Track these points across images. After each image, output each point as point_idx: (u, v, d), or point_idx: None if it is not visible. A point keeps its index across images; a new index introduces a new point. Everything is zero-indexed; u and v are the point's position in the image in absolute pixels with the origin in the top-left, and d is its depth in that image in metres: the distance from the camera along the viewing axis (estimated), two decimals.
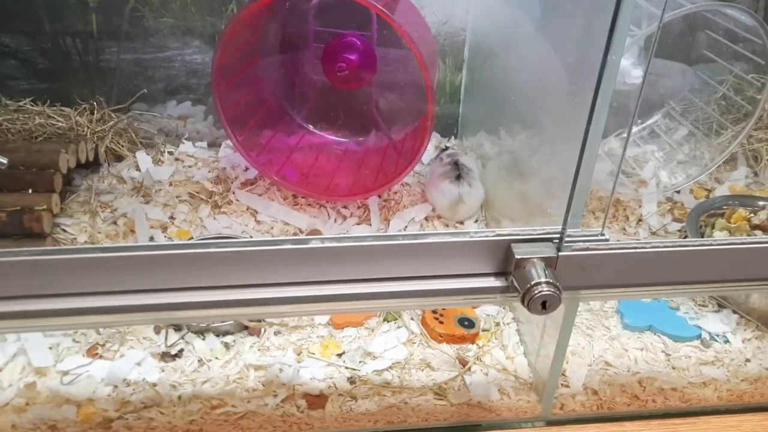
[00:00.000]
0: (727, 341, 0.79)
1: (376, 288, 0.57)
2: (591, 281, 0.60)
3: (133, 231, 0.89)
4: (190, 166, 1.04)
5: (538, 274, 0.55)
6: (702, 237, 0.88)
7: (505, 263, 0.58)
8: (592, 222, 0.94)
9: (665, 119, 1.06)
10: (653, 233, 0.94)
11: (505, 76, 0.91)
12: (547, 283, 0.54)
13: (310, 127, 1.05)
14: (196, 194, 0.97)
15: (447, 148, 1.06)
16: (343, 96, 1.01)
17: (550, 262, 0.57)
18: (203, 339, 0.75)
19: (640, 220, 0.96)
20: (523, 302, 0.55)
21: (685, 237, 0.93)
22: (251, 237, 0.91)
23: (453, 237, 0.56)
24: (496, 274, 0.58)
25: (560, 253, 0.57)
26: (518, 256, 0.56)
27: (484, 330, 0.79)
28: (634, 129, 1.05)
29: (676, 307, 0.83)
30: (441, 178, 0.95)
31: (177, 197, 0.96)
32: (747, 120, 0.97)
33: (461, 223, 0.96)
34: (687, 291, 0.68)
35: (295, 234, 0.92)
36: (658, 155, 1.04)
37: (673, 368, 0.75)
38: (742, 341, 0.78)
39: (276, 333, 0.77)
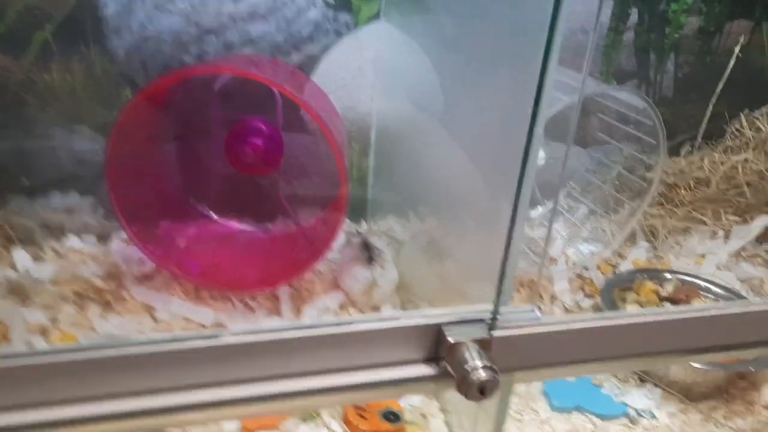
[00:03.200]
0: (653, 416, 0.78)
1: (296, 385, 0.51)
2: (525, 361, 0.57)
3: (6, 338, 0.78)
4: (76, 263, 0.94)
5: (473, 358, 0.51)
6: (617, 310, 0.88)
7: (436, 348, 0.54)
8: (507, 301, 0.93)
9: (567, 199, 1.09)
10: (568, 310, 0.94)
11: (414, 160, 0.91)
12: (484, 366, 0.51)
13: (213, 215, 0.99)
14: (83, 293, 0.87)
15: (358, 233, 1.03)
16: (247, 183, 0.96)
17: (484, 344, 0.53)
18: None
19: (553, 296, 0.96)
20: (459, 389, 0.51)
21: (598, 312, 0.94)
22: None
23: (379, 323, 0.52)
24: (427, 360, 0.54)
25: (494, 334, 0.54)
26: (451, 340, 0.52)
27: (410, 423, 0.74)
28: (540, 210, 1.08)
29: (600, 384, 0.82)
30: (352, 263, 0.91)
31: (61, 298, 0.86)
32: (641, 197, 1.02)
33: (377, 309, 0.92)
34: (625, 365, 0.66)
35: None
36: (563, 234, 1.06)
37: None
38: (668, 416, 0.78)
39: None
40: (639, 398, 0.79)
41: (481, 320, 0.55)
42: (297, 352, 0.50)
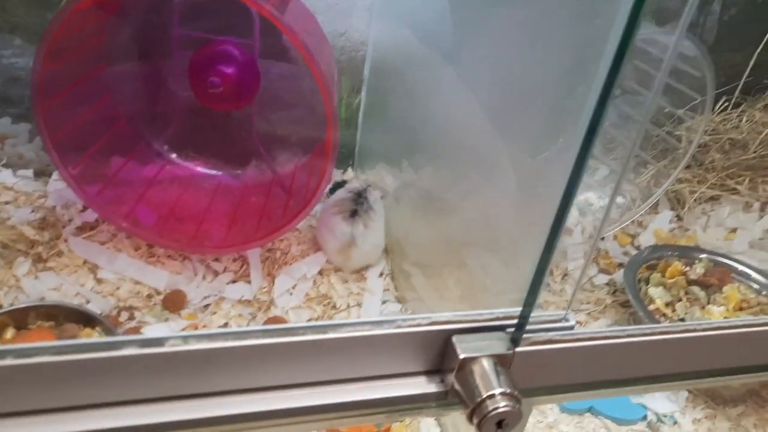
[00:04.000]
0: (675, 422, 0.68)
1: (264, 403, 0.39)
2: (551, 381, 0.46)
3: None
4: (6, 203, 0.79)
5: (491, 382, 0.40)
6: (639, 293, 0.76)
7: (441, 358, 0.43)
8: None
9: None
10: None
11: (413, 100, 0.78)
12: (504, 394, 0.39)
13: (173, 155, 0.83)
14: (10, 243, 0.72)
15: (344, 182, 0.89)
16: (215, 118, 0.81)
17: (503, 361, 0.42)
18: None
19: (565, 274, 0.83)
20: (470, 419, 0.40)
21: (614, 291, 0.83)
22: (88, 301, 0.69)
23: (374, 329, 0.40)
24: (428, 373, 0.43)
25: (517, 349, 0.42)
26: (463, 355, 0.41)
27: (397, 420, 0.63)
28: None
29: None
30: (333, 212, 0.78)
31: None
32: (669, 158, 0.89)
33: (359, 272, 0.80)
34: (671, 386, 0.55)
35: (149, 295, 0.71)
36: (578, 199, 0.93)
37: None
38: (693, 422, 0.68)
39: None
40: (661, 400, 0.69)
41: (501, 329, 0.43)
42: (263, 362, 0.38)
